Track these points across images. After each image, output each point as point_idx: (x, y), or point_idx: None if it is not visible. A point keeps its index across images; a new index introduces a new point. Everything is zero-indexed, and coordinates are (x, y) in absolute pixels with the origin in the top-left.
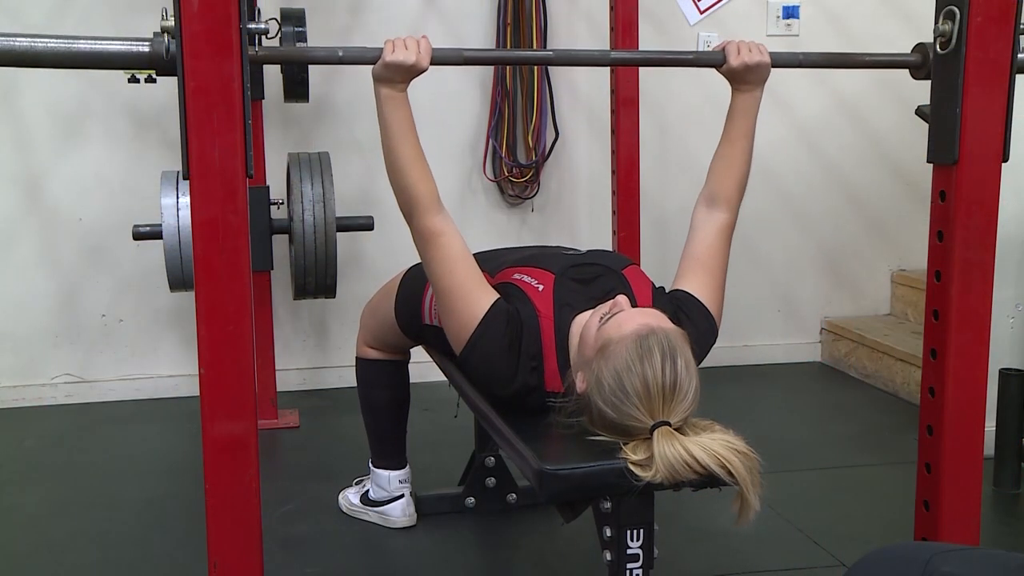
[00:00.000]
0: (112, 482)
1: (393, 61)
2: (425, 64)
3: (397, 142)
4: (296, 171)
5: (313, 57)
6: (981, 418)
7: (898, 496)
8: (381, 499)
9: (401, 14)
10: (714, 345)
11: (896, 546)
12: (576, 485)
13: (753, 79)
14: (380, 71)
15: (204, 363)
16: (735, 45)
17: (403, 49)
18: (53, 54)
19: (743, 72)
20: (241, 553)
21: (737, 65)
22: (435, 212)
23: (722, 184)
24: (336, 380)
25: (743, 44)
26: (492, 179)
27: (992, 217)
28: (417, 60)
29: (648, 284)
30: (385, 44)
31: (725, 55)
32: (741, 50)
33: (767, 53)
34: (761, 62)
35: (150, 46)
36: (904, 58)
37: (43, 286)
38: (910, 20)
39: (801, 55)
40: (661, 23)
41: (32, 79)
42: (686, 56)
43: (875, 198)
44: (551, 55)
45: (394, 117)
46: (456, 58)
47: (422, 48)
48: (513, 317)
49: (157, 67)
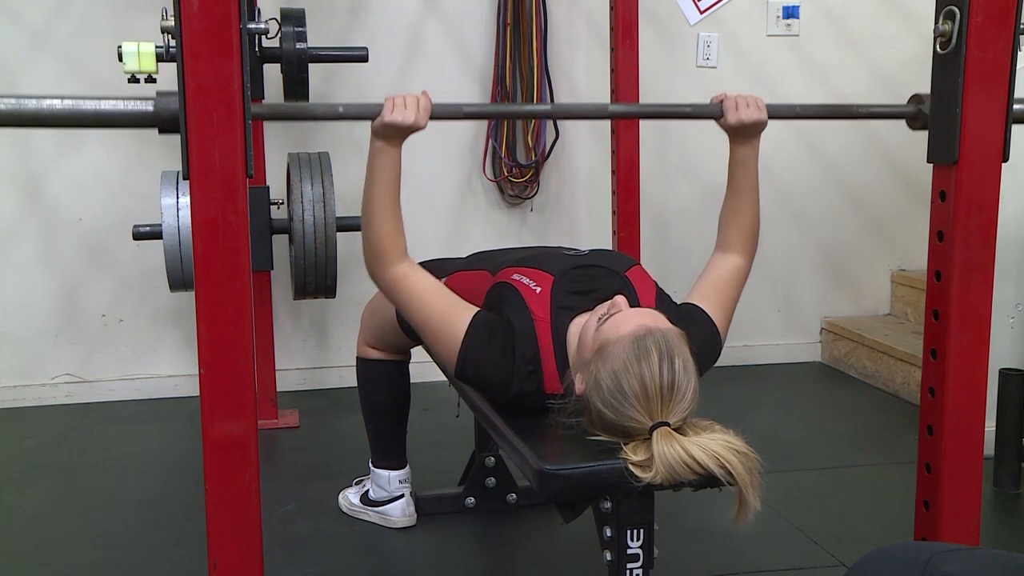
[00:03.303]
0: (112, 482)
1: (392, 122)
2: (423, 123)
3: (380, 194)
4: (296, 171)
5: (313, 113)
6: (981, 418)
7: (898, 496)
8: (381, 499)
9: (401, 14)
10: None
11: (896, 546)
12: (576, 485)
13: (750, 133)
14: (378, 128)
15: (204, 363)
16: (733, 100)
17: (402, 108)
18: (59, 115)
19: (740, 128)
20: (241, 553)
21: (734, 122)
22: (399, 261)
23: (733, 236)
24: (336, 380)
25: (740, 99)
26: (492, 179)
27: (992, 217)
28: (416, 120)
29: (652, 285)
30: (385, 102)
31: (723, 110)
32: (739, 106)
33: (764, 109)
34: (759, 120)
35: (154, 105)
36: (901, 109)
37: (43, 286)
38: (910, 20)
39: (799, 107)
40: (661, 23)
41: (32, 79)
42: (684, 109)
43: (875, 198)
44: (550, 109)
45: (383, 170)
46: (456, 113)
47: (421, 107)
48: (497, 325)
49: (160, 126)
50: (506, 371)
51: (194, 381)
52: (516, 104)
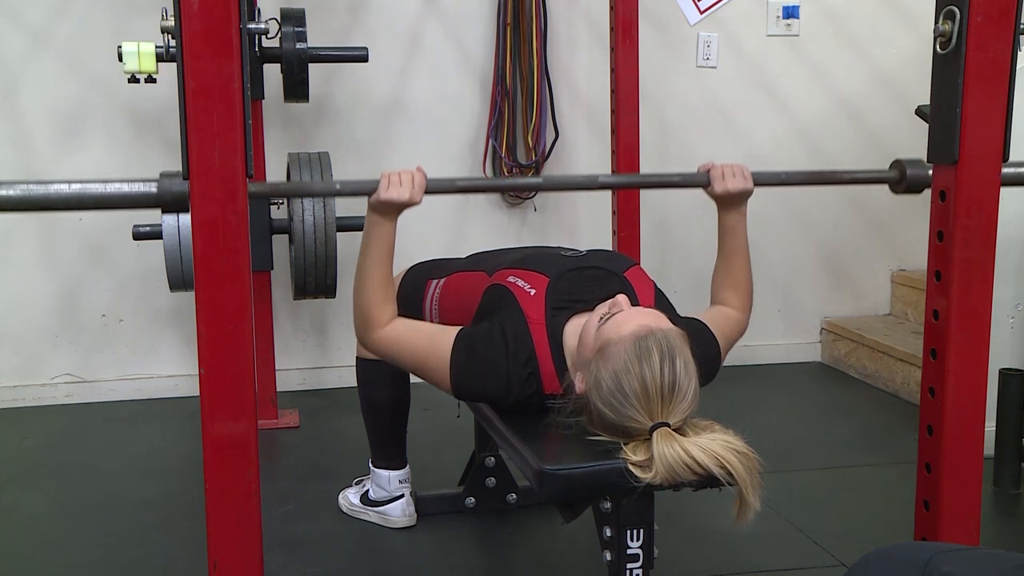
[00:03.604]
0: (112, 482)
1: (387, 199)
2: (418, 199)
3: (373, 265)
4: (296, 171)
5: (312, 190)
6: (981, 418)
7: (898, 496)
8: (381, 499)
9: (401, 14)
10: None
11: (896, 546)
12: (576, 485)
13: (737, 201)
14: (374, 204)
15: (204, 363)
16: (719, 170)
17: (397, 185)
18: (66, 199)
19: (727, 196)
20: (241, 553)
21: (721, 192)
22: (385, 324)
23: (727, 294)
24: (336, 380)
25: (727, 168)
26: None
27: (992, 217)
28: (411, 197)
29: (650, 286)
30: (381, 178)
31: (710, 179)
32: (725, 175)
33: (750, 178)
34: (744, 189)
35: (158, 187)
36: (883, 175)
37: (43, 286)
38: (910, 20)
39: (784, 174)
40: (661, 23)
41: (32, 79)
42: (672, 179)
43: (875, 198)
44: (540, 182)
45: (378, 243)
46: (450, 188)
47: (416, 184)
48: (480, 336)
49: (165, 206)
50: (500, 379)
51: (194, 381)
52: (508, 178)
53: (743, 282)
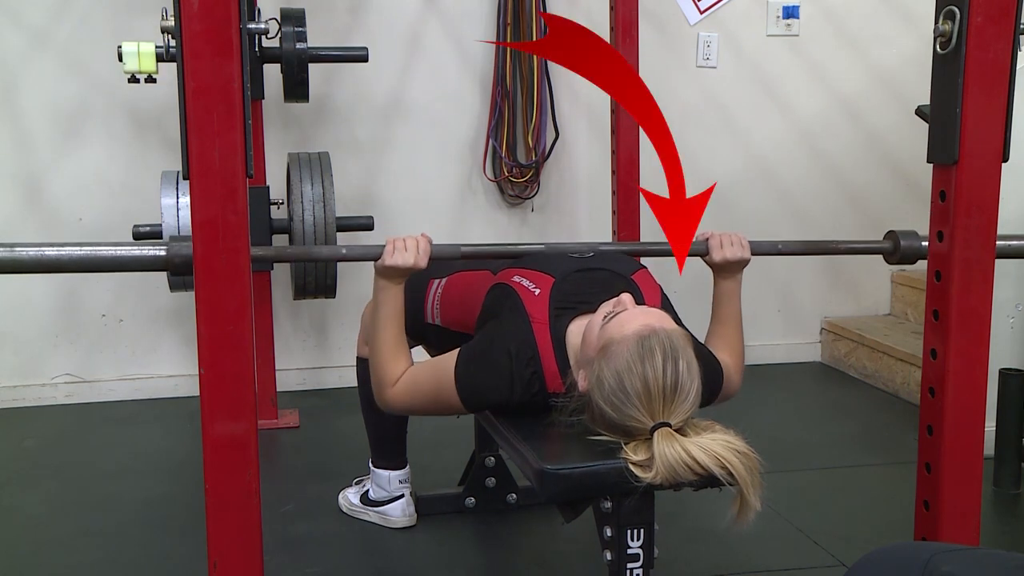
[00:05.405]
0: (112, 482)
1: (392, 265)
2: (423, 264)
3: (384, 327)
4: (296, 171)
5: (319, 256)
6: (981, 418)
7: (898, 496)
8: (381, 499)
9: (401, 14)
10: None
11: (896, 546)
12: (576, 485)
13: (734, 269)
14: (380, 269)
15: (204, 363)
16: (718, 239)
17: (402, 251)
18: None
19: (724, 264)
20: (241, 553)
21: (719, 260)
22: (395, 382)
23: (722, 358)
24: (336, 380)
25: (725, 237)
26: (492, 179)
27: (992, 217)
28: (415, 262)
29: (657, 290)
30: (386, 244)
31: (708, 248)
32: (724, 244)
33: (748, 247)
34: (742, 258)
35: (167, 251)
36: (878, 245)
37: (43, 286)
38: (910, 20)
39: (780, 243)
40: (661, 23)
41: (32, 79)
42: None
43: (875, 198)
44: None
45: (386, 306)
46: (454, 254)
47: (421, 249)
48: (482, 343)
49: (172, 269)
50: (503, 379)
51: (194, 381)
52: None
53: (737, 348)
